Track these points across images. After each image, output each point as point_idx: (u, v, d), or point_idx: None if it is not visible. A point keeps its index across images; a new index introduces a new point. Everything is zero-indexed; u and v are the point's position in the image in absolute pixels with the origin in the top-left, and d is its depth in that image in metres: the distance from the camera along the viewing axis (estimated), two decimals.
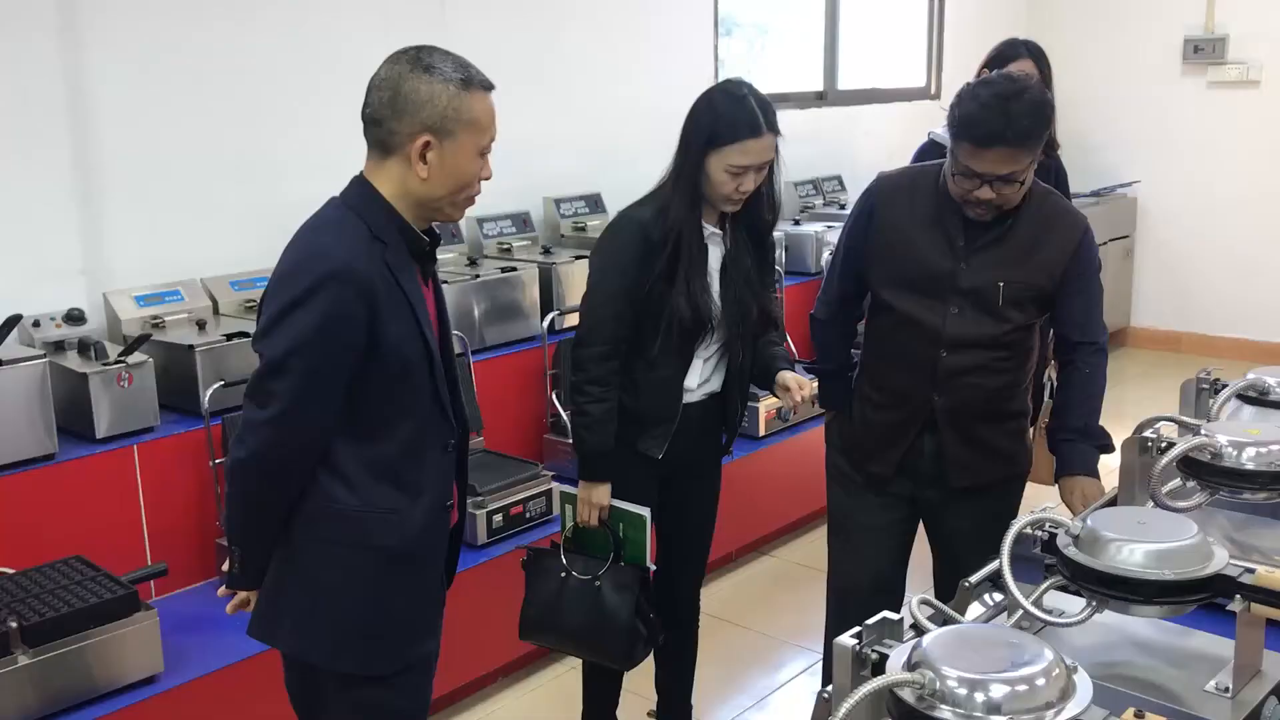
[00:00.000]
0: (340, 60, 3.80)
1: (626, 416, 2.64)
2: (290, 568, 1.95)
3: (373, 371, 1.86)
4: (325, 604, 1.94)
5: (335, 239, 1.84)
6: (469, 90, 1.85)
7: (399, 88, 1.82)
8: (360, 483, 1.90)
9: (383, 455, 1.91)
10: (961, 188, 2.33)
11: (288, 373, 1.81)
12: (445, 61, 1.85)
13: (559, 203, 4.62)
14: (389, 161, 1.87)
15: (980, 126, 2.24)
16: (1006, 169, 2.27)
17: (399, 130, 1.83)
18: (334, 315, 1.80)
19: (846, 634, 1.36)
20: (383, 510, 1.92)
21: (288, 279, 1.84)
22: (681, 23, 5.28)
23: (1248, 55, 6.78)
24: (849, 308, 2.67)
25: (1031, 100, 2.26)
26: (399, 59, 1.85)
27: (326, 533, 1.92)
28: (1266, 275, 6.90)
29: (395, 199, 1.88)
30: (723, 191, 2.52)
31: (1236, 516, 2.15)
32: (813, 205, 5.78)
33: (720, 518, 2.98)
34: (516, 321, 3.96)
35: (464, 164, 1.87)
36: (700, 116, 2.52)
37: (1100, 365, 2.48)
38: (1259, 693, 1.52)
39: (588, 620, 2.65)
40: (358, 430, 1.89)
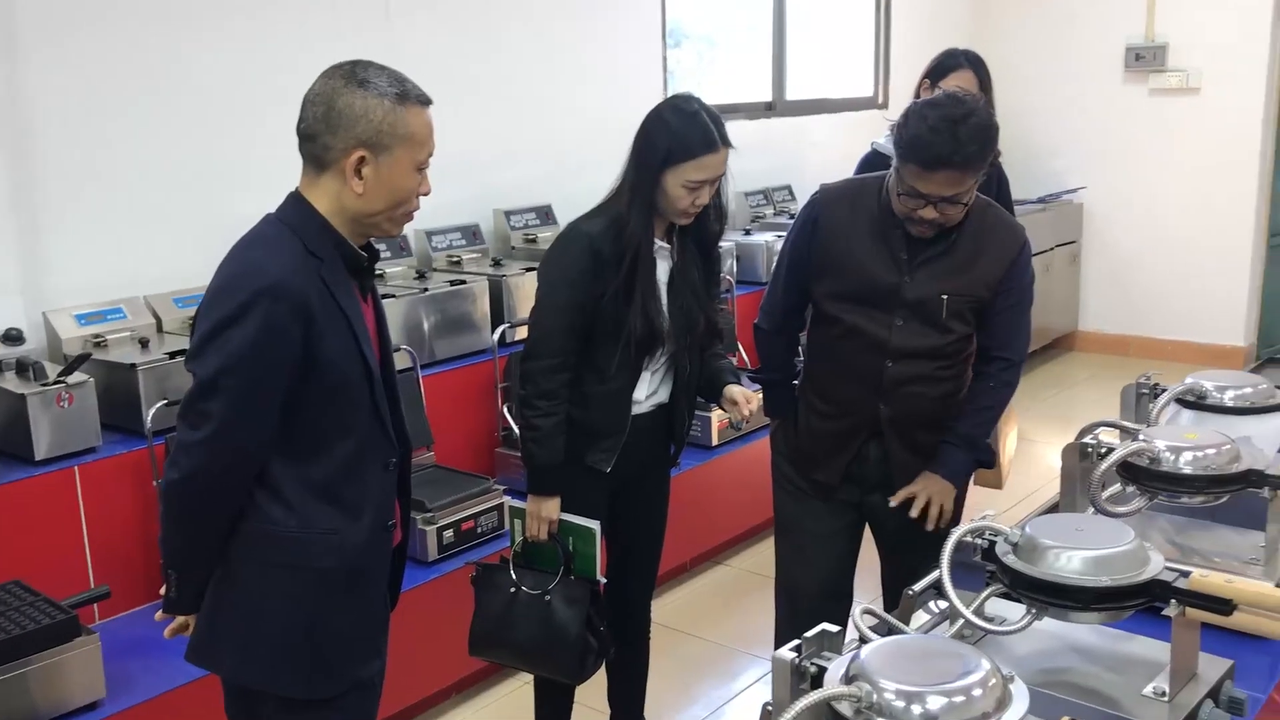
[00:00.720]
0: (284, 73, 3.74)
1: (576, 430, 2.63)
2: (228, 590, 1.92)
3: (310, 390, 1.84)
4: (265, 627, 1.91)
5: (268, 255, 1.82)
6: (405, 105, 1.83)
7: (333, 102, 1.80)
8: (299, 503, 1.87)
9: (322, 475, 1.89)
10: (906, 207, 2.35)
11: (221, 392, 1.78)
12: (381, 76, 1.83)
13: (509, 214, 4.61)
14: (324, 177, 1.85)
15: (928, 150, 2.26)
16: (952, 191, 2.30)
17: (334, 145, 1.81)
18: (267, 333, 1.77)
19: (785, 647, 1.36)
20: (322, 531, 1.89)
21: (220, 296, 1.81)
22: (630, 35, 5.29)
23: (1187, 63, 6.90)
24: (792, 318, 2.69)
25: (978, 124, 2.28)
26: (333, 74, 1.84)
27: (265, 554, 1.89)
28: (1209, 278, 7.02)
29: (331, 215, 1.86)
30: (679, 206, 2.53)
31: (1177, 520, 2.19)
32: (763, 215, 5.81)
33: (674, 527, 2.97)
34: (466, 335, 3.93)
35: (400, 179, 1.85)
36: (655, 134, 2.52)
37: (1010, 382, 2.53)
38: (1195, 696, 1.54)
39: (538, 635, 2.64)
40: (295, 449, 1.87)
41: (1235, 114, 6.79)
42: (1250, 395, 2.27)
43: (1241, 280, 6.97)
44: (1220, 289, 7.00)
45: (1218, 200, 6.92)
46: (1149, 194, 7.18)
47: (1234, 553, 2.04)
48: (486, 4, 4.55)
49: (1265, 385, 2.30)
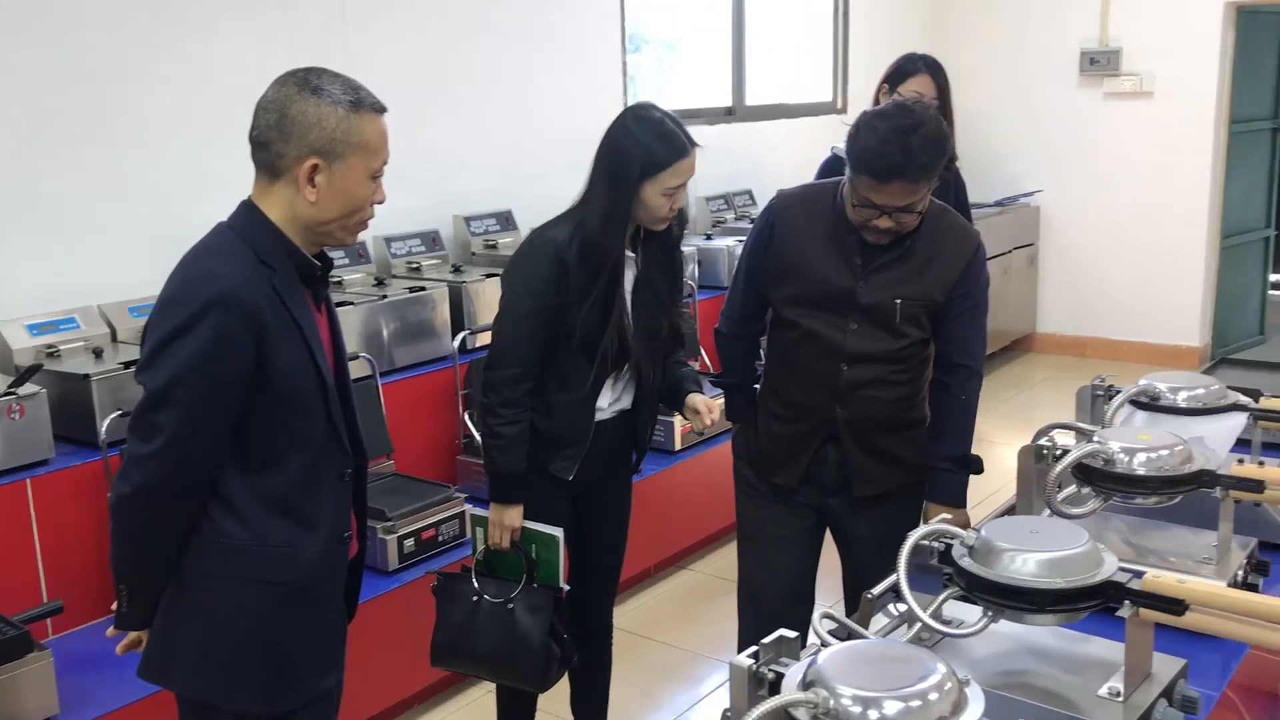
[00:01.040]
0: (240, 80, 3.72)
1: (538, 438, 2.63)
2: (181, 605, 1.89)
3: (262, 401, 1.82)
4: (219, 641, 1.88)
5: (219, 264, 1.80)
6: (359, 112, 1.81)
7: (286, 110, 1.79)
8: (252, 516, 1.85)
9: (276, 487, 1.87)
10: (861, 216, 2.37)
11: (171, 404, 1.76)
12: (334, 83, 1.82)
13: (469, 220, 4.59)
14: (277, 185, 1.83)
15: (880, 162, 2.27)
16: (905, 201, 2.32)
17: (286, 153, 1.80)
18: (218, 343, 1.75)
19: (743, 654, 1.36)
20: (277, 544, 1.87)
21: (170, 307, 1.78)
22: (590, 40, 5.29)
23: (1141, 67, 7.00)
24: (752, 323, 2.70)
25: (929, 134, 2.29)
26: (286, 81, 1.82)
27: (218, 568, 1.86)
28: (1164, 279, 7.11)
29: (284, 223, 1.85)
30: (658, 215, 2.54)
31: (1132, 520, 2.21)
32: (724, 220, 5.83)
33: (637, 533, 2.97)
34: (427, 342, 3.91)
35: (354, 187, 1.84)
36: (626, 148, 2.50)
37: (976, 391, 2.54)
38: (1149, 696, 1.55)
39: (501, 643, 2.63)
40: (248, 462, 1.85)
41: (1187, 117, 6.90)
42: (1202, 396, 2.29)
43: (1195, 281, 7.07)
44: (1175, 290, 7.10)
45: (1171, 202, 7.02)
46: (1104, 197, 7.27)
47: (1188, 552, 2.06)
48: (444, 9, 4.54)
49: (1217, 386, 2.33)
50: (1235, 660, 1.86)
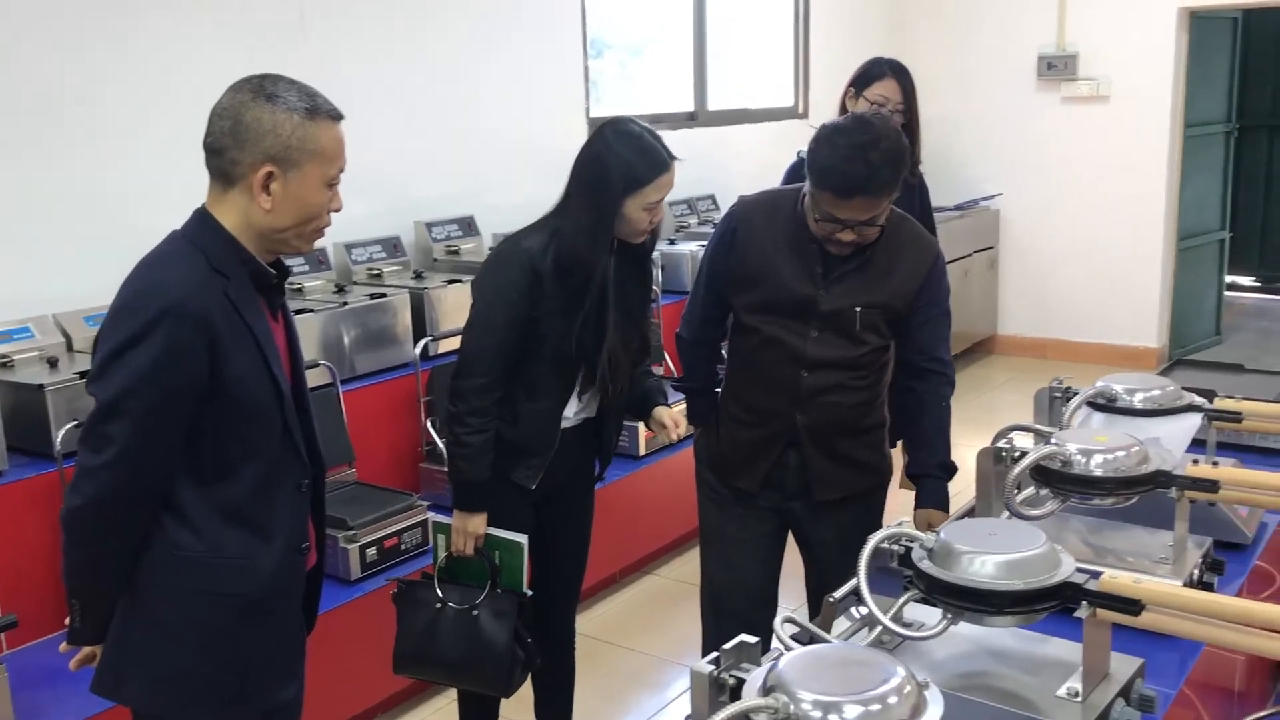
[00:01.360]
0: (197, 85, 3.69)
1: (502, 446, 2.62)
2: (135, 619, 1.87)
3: (216, 411, 1.79)
4: (174, 655, 1.86)
5: (171, 274, 1.77)
6: (314, 119, 1.80)
7: (240, 117, 1.77)
8: (207, 527, 1.83)
9: (231, 498, 1.84)
10: (824, 230, 2.38)
11: (123, 415, 1.73)
12: (290, 90, 1.80)
13: (430, 226, 4.57)
14: (231, 192, 1.81)
15: (842, 179, 2.28)
16: (868, 215, 2.33)
17: (241, 160, 1.78)
18: (171, 353, 1.73)
19: (704, 659, 1.36)
20: (232, 556, 1.85)
21: (121, 316, 1.76)
22: (552, 45, 5.28)
23: (1097, 71, 7.08)
24: (713, 328, 2.70)
25: (889, 148, 2.30)
26: (241, 87, 1.80)
27: (172, 581, 1.84)
28: (1122, 281, 7.20)
29: (238, 231, 1.83)
30: (638, 228, 2.55)
31: (1090, 521, 2.23)
32: (687, 224, 5.84)
33: (601, 538, 2.96)
34: (388, 348, 3.89)
35: (310, 195, 1.82)
36: (607, 164, 2.50)
37: (950, 396, 2.56)
38: (1107, 695, 1.57)
39: (466, 649, 2.62)
40: (203, 472, 1.82)
41: (1144, 121, 6.99)
42: (1158, 397, 2.32)
43: (1153, 283, 7.16)
44: (1133, 292, 7.19)
45: (1129, 205, 7.10)
46: (1063, 200, 7.35)
47: (1145, 552, 2.08)
48: (404, 14, 4.52)
49: (1173, 387, 2.36)
50: (1192, 658, 1.88)
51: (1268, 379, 3.29)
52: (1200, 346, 7.49)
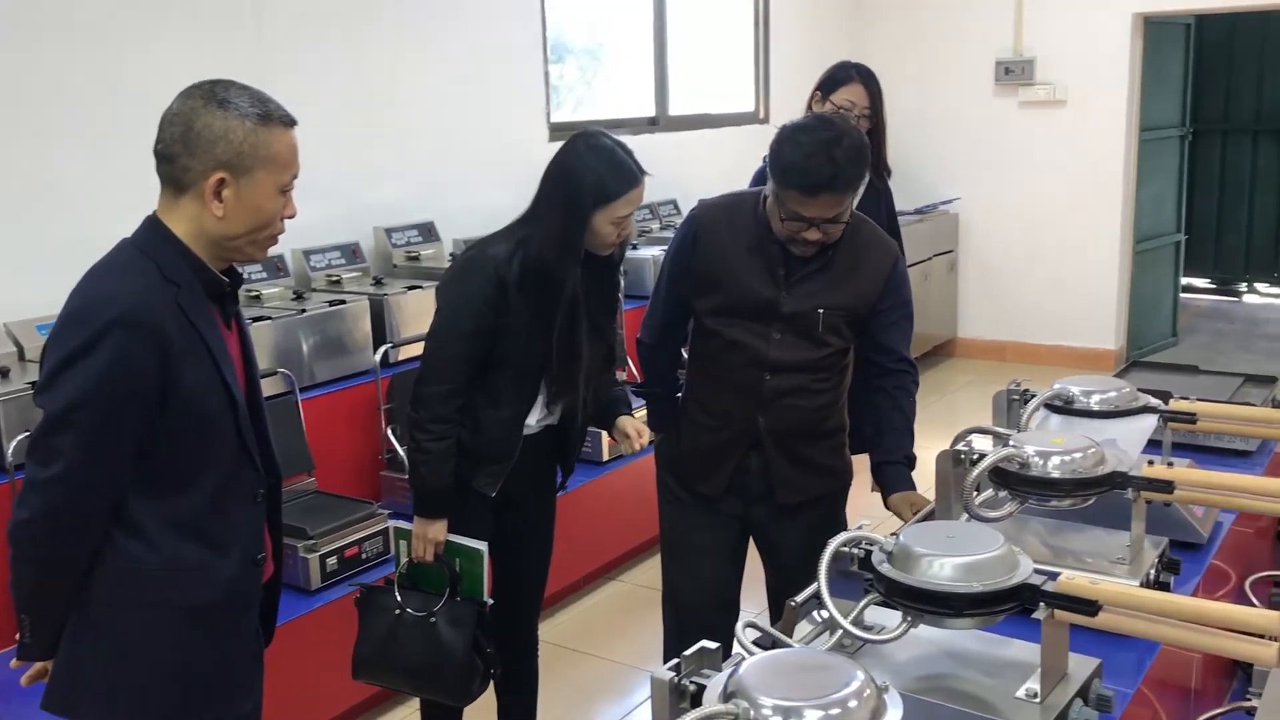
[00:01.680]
0: (150, 94, 3.64)
1: (463, 453, 2.60)
2: (87, 633, 1.83)
3: (168, 422, 1.77)
4: (128, 669, 1.83)
5: (120, 283, 1.75)
6: (267, 126, 1.78)
7: (192, 123, 1.74)
8: (161, 539, 1.80)
9: (185, 509, 1.82)
10: (789, 230, 2.38)
11: (71, 428, 1.70)
12: (242, 96, 1.78)
13: (390, 232, 4.54)
14: (183, 199, 1.79)
15: (807, 177, 2.29)
16: (833, 212, 2.34)
17: (192, 167, 1.75)
18: (120, 364, 1.70)
19: (664, 666, 1.35)
20: (187, 568, 1.82)
21: (69, 327, 1.73)
22: (512, 49, 5.27)
23: (1054, 76, 7.16)
24: (674, 332, 2.70)
25: (851, 145, 2.32)
26: (192, 93, 1.78)
27: (125, 594, 1.81)
28: (1080, 284, 7.28)
29: (190, 238, 1.80)
30: (606, 241, 2.55)
31: (1049, 522, 2.24)
32: (649, 230, 5.84)
33: (565, 545, 2.95)
34: (348, 356, 3.86)
35: (263, 202, 1.80)
36: (579, 177, 2.49)
37: (915, 393, 2.58)
38: (1065, 696, 1.57)
39: (424, 657, 2.60)
40: (155, 484, 1.79)
41: (1100, 125, 7.07)
42: (1114, 399, 2.34)
43: (1110, 286, 7.24)
44: (1090, 294, 7.27)
45: (1086, 208, 7.18)
46: (1021, 203, 7.42)
47: (1103, 552, 2.09)
48: (363, 18, 4.49)
49: (1128, 389, 2.38)
50: (1149, 658, 1.89)
51: (1222, 380, 3.33)
52: (1157, 348, 7.58)
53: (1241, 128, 9.42)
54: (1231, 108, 9.42)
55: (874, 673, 1.32)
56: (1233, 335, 8.36)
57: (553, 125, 5.49)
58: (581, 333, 2.59)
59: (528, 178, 2.68)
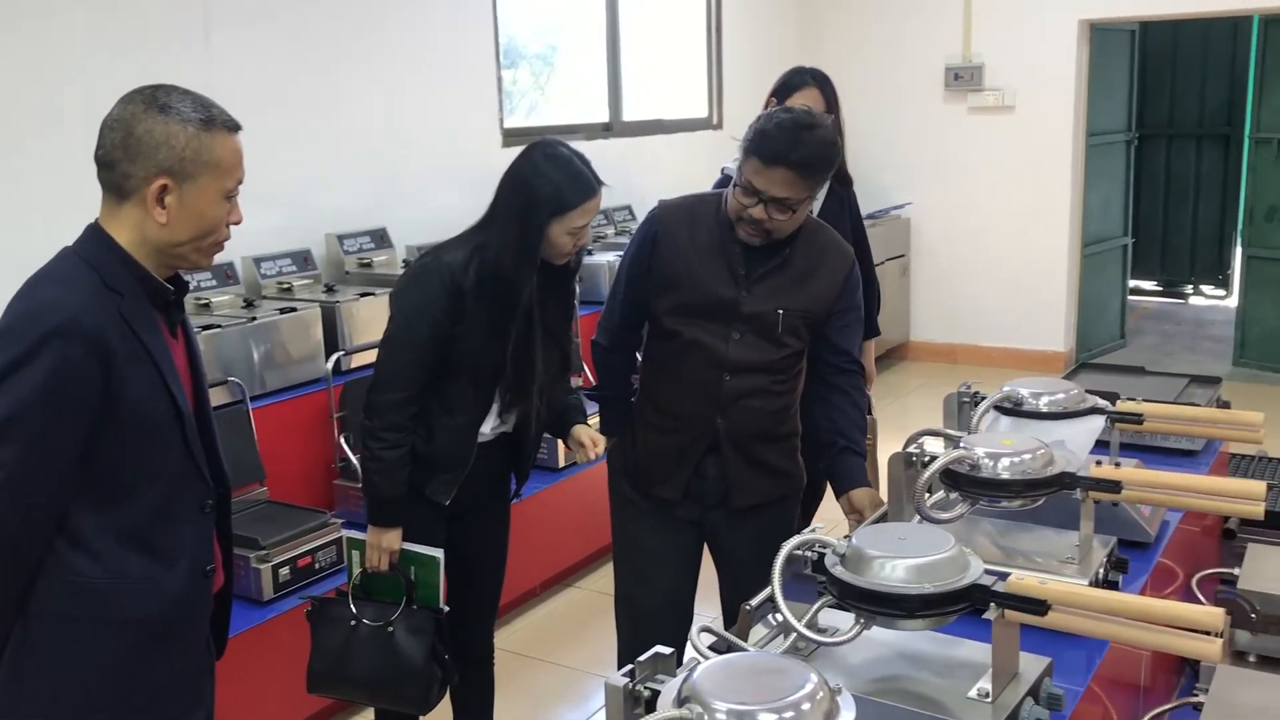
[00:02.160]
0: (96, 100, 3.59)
1: (417, 461, 2.59)
2: (30, 650, 1.79)
3: (112, 433, 1.73)
4: (74, 685, 1.79)
5: (60, 292, 1.71)
6: (210, 131, 1.75)
7: (132, 129, 1.72)
8: (106, 552, 1.77)
9: (130, 521, 1.78)
10: (740, 202, 2.40)
11: (10, 441, 1.67)
12: (184, 101, 1.75)
13: (342, 239, 4.50)
14: (125, 206, 1.76)
15: (769, 144, 2.34)
16: (784, 192, 2.35)
17: (134, 174, 1.73)
18: (60, 375, 1.67)
19: (618, 672, 1.35)
20: (133, 580, 1.79)
21: (7, 338, 1.69)
22: (463, 54, 5.25)
23: (1002, 82, 7.25)
24: (631, 334, 2.70)
25: (822, 136, 2.37)
26: (133, 98, 1.75)
27: (69, 608, 1.77)
28: (1030, 287, 7.37)
29: (133, 246, 1.77)
30: (563, 251, 2.55)
31: (1000, 523, 2.26)
32: (604, 235, 5.84)
33: (521, 552, 2.94)
34: (299, 364, 3.82)
35: (207, 208, 1.77)
36: (535, 187, 2.49)
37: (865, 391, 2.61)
38: (1016, 695, 1.59)
39: (382, 667, 2.58)
40: (100, 495, 1.76)
41: (1048, 130, 7.17)
42: (1063, 400, 2.37)
43: (1059, 289, 7.34)
44: (1040, 297, 7.36)
45: (1035, 213, 7.28)
46: (971, 208, 7.50)
47: (1053, 552, 2.12)
48: (313, 24, 4.46)
49: (1076, 390, 2.41)
50: (1099, 656, 1.92)
51: (1168, 381, 3.38)
52: (1106, 350, 7.70)
53: (1186, 133, 9.60)
54: (1176, 113, 9.58)
55: (828, 675, 1.33)
56: (1179, 337, 8.50)
57: (506, 131, 5.48)
58: (536, 341, 2.58)
59: (481, 184, 2.67)
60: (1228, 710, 1.88)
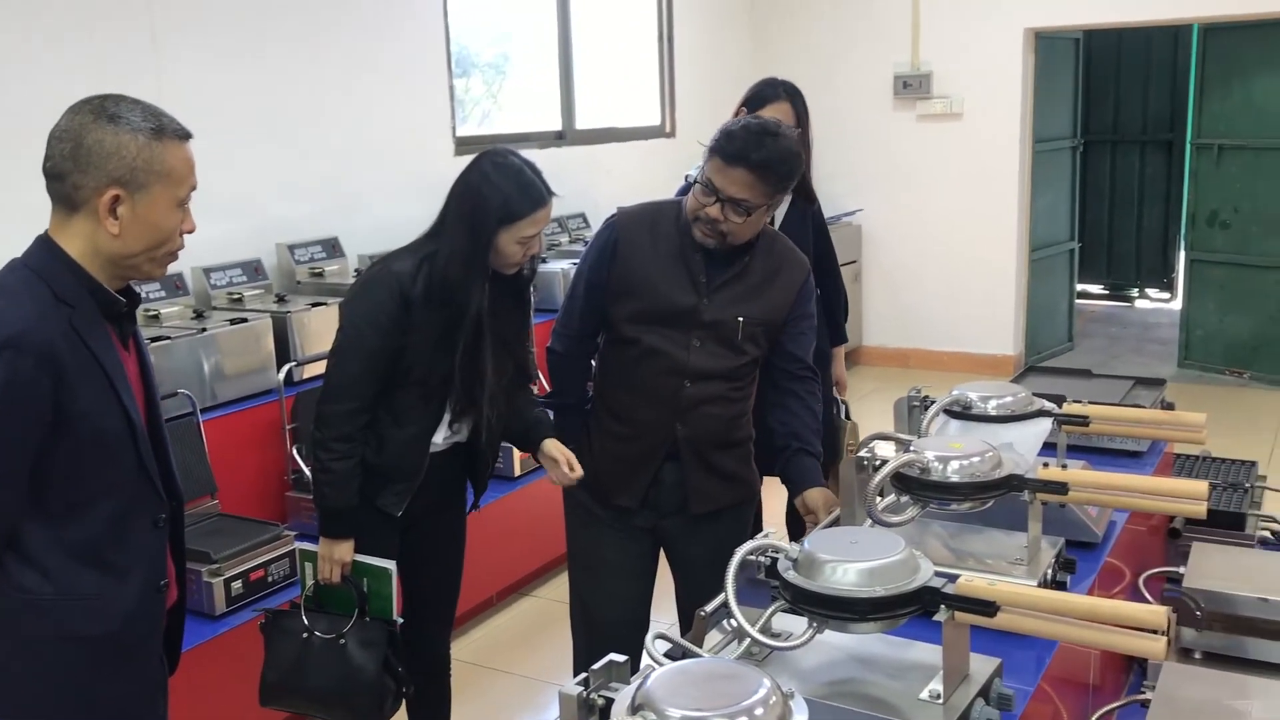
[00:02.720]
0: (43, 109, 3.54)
1: (368, 472, 2.58)
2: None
3: (63, 447, 1.72)
4: (24, 704, 1.77)
5: (9, 305, 1.69)
6: (161, 140, 1.74)
7: (82, 139, 1.71)
8: (56, 568, 1.74)
9: (82, 536, 1.77)
10: (698, 201, 2.43)
11: None
12: (134, 110, 1.74)
13: (293, 249, 4.47)
14: (76, 218, 1.74)
15: (733, 144, 2.38)
16: (741, 193, 2.38)
17: (84, 184, 1.71)
18: (11, 389, 1.65)
19: (572, 680, 1.35)
20: (85, 596, 1.77)
21: None
22: (415, 63, 5.23)
23: (950, 90, 7.34)
24: (588, 341, 2.70)
25: (786, 145, 2.41)
26: (81, 109, 1.74)
27: (18, 627, 1.75)
28: (979, 292, 7.46)
29: (85, 258, 1.76)
30: (512, 261, 2.53)
31: (950, 525, 2.29)
32: (558, 243, 5.84)
33: (477, 561, 2.93)
34: (250, 375, 3.78)
35: (159, 218, 1.76)
36: (484, 196, 2.48)
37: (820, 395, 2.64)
38: (967, 696, 1.61)
39: (334, 679, 2.56)
40: (50, 510, 1.74)
41: (995, 137, 7.26)
42: (1011, 404, 2.40)
43: (1008, 293, 7.44)
44: (990, 302, 7.45)
45: (984, 218, 7.37)
46: (921, 214, 7.58)
47: (1002, 554, 2.14)
48: (261, 33, 4.42)
49: (1024, 394, 2.44)
50: (1048, 655, 1.94)
51: (1114, 383, 3.43)
52: (1054, 353, 7.80)
53: (1130, 139, 9.77)
54: (1120, 120, 9.75)
55: (781, 679, 1.34)
56: (1126, 339, 8.64)
57: (458, 139, 5.47)
58: (486, 351, 2.57)
59: (433, 192, 2.66)
60: (1174, 706, 1.91)
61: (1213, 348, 7.35)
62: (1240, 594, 2.25)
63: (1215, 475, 3.25)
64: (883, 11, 7.44)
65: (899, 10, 7.38)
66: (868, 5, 7.50)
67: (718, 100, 7.38)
